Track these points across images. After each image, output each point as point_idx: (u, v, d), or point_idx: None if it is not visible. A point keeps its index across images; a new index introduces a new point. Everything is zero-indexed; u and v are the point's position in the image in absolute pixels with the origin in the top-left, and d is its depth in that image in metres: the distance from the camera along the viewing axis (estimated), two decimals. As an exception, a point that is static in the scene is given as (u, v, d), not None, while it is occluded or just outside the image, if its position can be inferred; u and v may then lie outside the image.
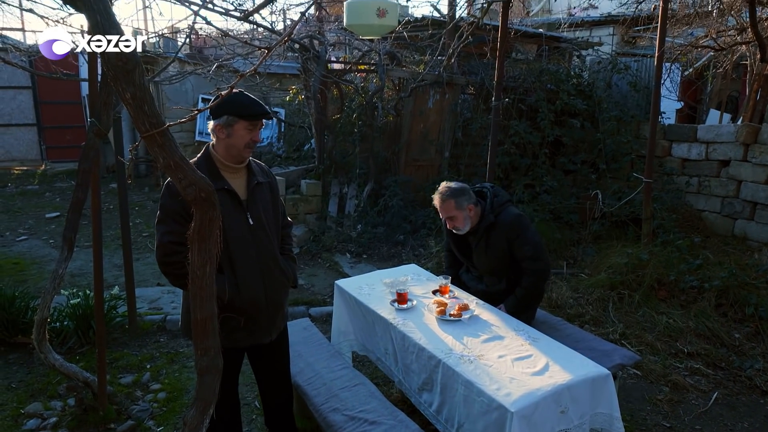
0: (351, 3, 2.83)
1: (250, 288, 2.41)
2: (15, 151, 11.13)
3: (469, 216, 3.29)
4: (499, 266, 3.38)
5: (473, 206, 3.29)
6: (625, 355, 3.19)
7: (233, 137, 2.35)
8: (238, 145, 2.37)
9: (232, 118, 2.33)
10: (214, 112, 2.37)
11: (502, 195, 3.40)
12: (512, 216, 3.28)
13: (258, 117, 2.38)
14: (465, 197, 3.27)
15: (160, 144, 1.48)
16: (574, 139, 7.41)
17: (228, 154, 2.40)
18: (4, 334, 4.18)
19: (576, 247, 6.29)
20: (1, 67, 9.91)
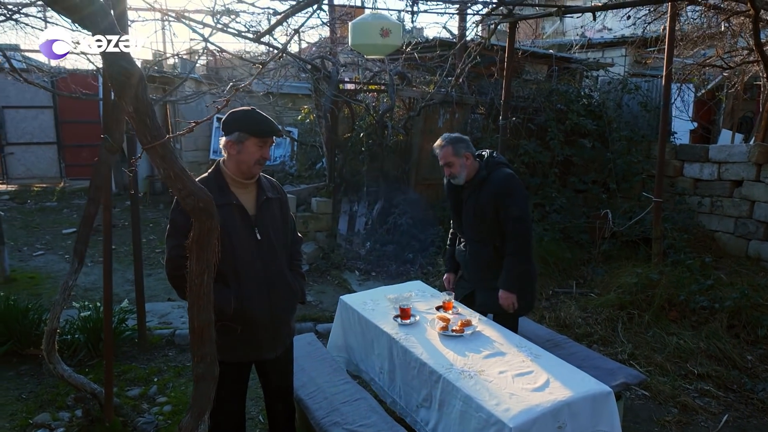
0: (355, 23, 2.90)
1: (255, 303, 2.44)
2: (35, 169, 11.38)
3: (465, 165, 3.29)
4: (484, 227, 3.33)
5: (471, 156, 3.30)
6: (630, 374, 3.17)
7: (243, 153, 2.40)
8: (248, 162, 2.42)
9: (243, 134, 2.38)
10: (225, 128, 2.43)
11: (500, 158, 3.42)
12: (504, 174, 3.26)
13: (268, 134, 2.43)
14: (463, 145, 3.29)
15: (161, 155, 1.54)
16: (584, 159, 7.41)
17: (238, 170, 2.44)
18: (17, 345, 4.25)
19: (586, 266, 6.25)
20: (25, 87, 10.15)
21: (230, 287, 2.40)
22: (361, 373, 3.42)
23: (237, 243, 2.40)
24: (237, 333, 2.38)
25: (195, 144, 10.22)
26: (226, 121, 2.43)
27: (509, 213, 3.20)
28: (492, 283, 3.33)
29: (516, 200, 3.22)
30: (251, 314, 2.42)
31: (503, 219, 3.24)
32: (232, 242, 2.39)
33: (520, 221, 3.22)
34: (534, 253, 5.76)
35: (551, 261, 6.08)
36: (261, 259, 2.47)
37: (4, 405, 3.65)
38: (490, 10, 4.64)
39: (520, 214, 3.21)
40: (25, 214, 9.49)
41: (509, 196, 3.21)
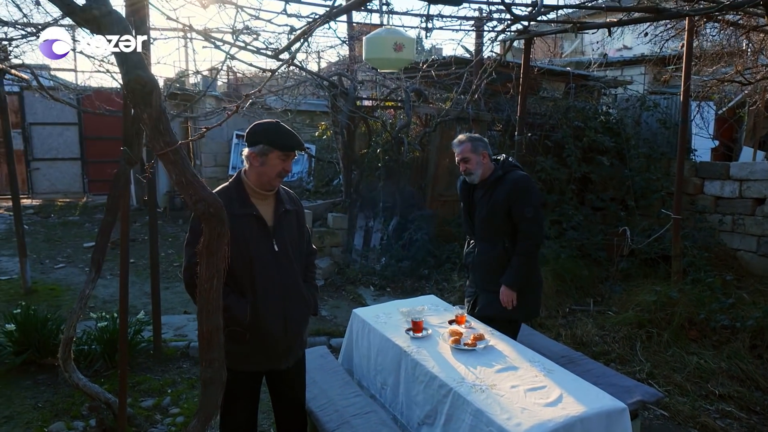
0: (369, 38, 2.95)
1: (270, 312, 2.45)
2: (60, 184, 11.64)
3: (482, 163, 3.33)
4: (494, 226, 3.35)
5: (487, 156, 3.35)
6: (647, 392, 3.10)
7: (266, 166, 2.43)
8: (270, 174, 2.45)
9: (267, 147, 2.41)
10: (250, 139, 2.47)
11: (515, 162, 3.46)
12: (520, 175, 3.30)
13: (292, 148, 2.47)
14: (482, 144, 3.35)
15: (173, 161, 1.58)
16: (602, 176, 7.35)
17: (259, 182, 2.47)
18: (35, 355, 4.31)
19: (603, 284, 6.17)
20: (52, 104, 10.45)
21: (246, 297, 2.42)
22: (363, 390, 3.39)
23: (255, 253, 2.43)
24: (246, 339, 2.39)
25: (215, 160, 10.37)
26: (250, 132, 2.47)
27: (523, 213, 3.22)
28: (495, 287, 3.34)
29: (531, 200, 3.24)
30: (266, 324, 2.43)
31: (517, 218, 3.25)
32: (249, 252, 2.42)
33: (533, 222, 3.24)
34: (550, 269, 5.73)
35: (568, 278, 6.01)
36: (277, 270, 2.49)
37: (21, 413, 3.70)
38: (505, 27, 4.67)
39: (533, 215, 3.23)
40: (48, 227, 9.68)
41: (524, 196, 3.23)
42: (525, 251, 3.26)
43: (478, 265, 3.49)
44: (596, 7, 3.67)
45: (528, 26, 4.63)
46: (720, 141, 8.95)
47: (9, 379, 4.12)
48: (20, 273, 6.34)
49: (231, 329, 2.31)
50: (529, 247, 3.26)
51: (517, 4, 3.58)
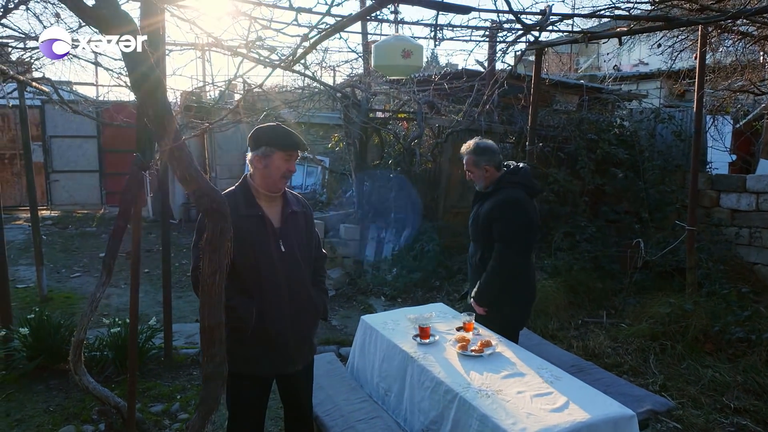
0: (378, 45, 2.99)
1: (277, 314, 2.46)
2: (78, 196, 11.84)
3: (483, 176, 3.38)
4: (477, 233, 3.45)
5: (492, 168, 3.36)
6: (658, 401, 3.05)
7: (270, 167, 2.45)
8: (275, 176, 2.47)
9: (269, 149, 2.44)
10: (252, 143, 2.50)
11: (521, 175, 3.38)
12: (508, 196, 3.27)
13: (294, 148, 2.49)
14: (485, 157, 3.35)
15: (177, 157, 1.61)
16: (616, 189, 7.29)
17: (264, 184, 2.49)
18: (48, 360, 4.35)
19: (617, 296, 6.09)
20: (72, 117, 10.68)
21: (253, 298, 2.43)
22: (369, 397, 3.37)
23: (261, 254, 2.44)
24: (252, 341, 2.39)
25: (230, 172, 10.49)
26: (253, 136, 2.50)
27: (499, 234, 3.26)
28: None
29: (507, 224, 3.24)
30: (272, 326, 2.43)
31: (495, 236, 3.29)
32: (256, 253, 2.43)
33: (506, 245, 3.25)
34: (562, 281, 5.66)
35: (581, 290, 5.95)
36: (284, 271, 2.49)
37: (32, 416, 3.74)
38: (516, 38, 4.69)
39: (508, 239, 3.24)
40: (65, 238, 9.83)
41: (501, 220, 3.25)
42: (492, 270, 3.29)
43: (469, 264, 3.68)
44: (605, 16, 3.67)
45: (539, 37, 4.65)
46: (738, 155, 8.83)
47: (22, 383, 4.17)
48: (37, 281, 6.44)
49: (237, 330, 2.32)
50: (496, 267, 3.27)
51: (527, 13, 3.61)
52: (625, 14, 3.57)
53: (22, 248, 8.89)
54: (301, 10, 3.66)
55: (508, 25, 4.23)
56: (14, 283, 6.88)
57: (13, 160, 11.66)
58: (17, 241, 9.34)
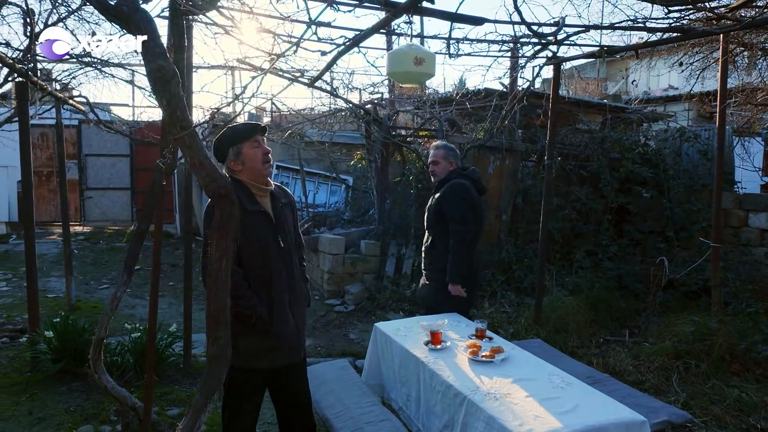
0: (391, 53, 3.07)
1: (281, 307, 2.53)
2: (110, 212, 12.18)
3: (447, 168, 3.88)
4: (430, 220, 3.94)
5: (455, 164, 3.91)
6: (675, 413, 2.98)
7: (249, 160, 2.51)
8: (257, 165, 2.53)
9: (236, 147, 2.51)
10: (219, 154, 2.57)
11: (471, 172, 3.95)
12: (456, 182, 3.78)
13: (254, 131, 2.54)
14: (453, 153, 3.95)
15: (188, 145, 1.68)
16: (640, 207, 7.19)
17: (253, 177, 2.55)
18: (71, 364, 4.46)
19: (641, 316, 5.97)
20: (106, 137, 11.11)
21: (260, 293, 2.49)
22: (391, 401, 3.38)
23: (267, 249, 2.52)
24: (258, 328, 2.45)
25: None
26: (216, 147, 2.56)
27: (451, 214, 3.72)
28: (428, 275, 3.98)
29: (456, 204, 3.72)
30: (279, 318, 2.50)
31: (447, 218, 3.74)
32: (262, 248, 2.51)
33: (459, 222, 3.69)
34: (583, 298, 5.56)
35: (602, 309, 5.84)
36: (284, 265, 2.57)
37: (53, 416, 3.83)
38: (534, 53, 4.74)
39: (459, 218, 3.69)
40: (96, 252, 10.11)
41: (452, 200, 3.73)
42: (453, 248, 3.71)
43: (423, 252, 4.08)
44: (621, 27, 3.70)
45: (556, 52, 4.69)
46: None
47: (46, 384, 4.29)
48: (66, 291, 6.63)
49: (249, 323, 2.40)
50: (455, 245, 3.70)
51: (540, 24, 3.66)
52: (641, 26, 3.61)
53: (54, 261, 9.17)
54: (320, 24, 3.79)
55: (525, 40, 4.28)
56: (45, 293, 7.10)
57: (50, 177, 12.10)
58: (50, 254, 9.64)
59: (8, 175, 11.49)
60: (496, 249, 6.97)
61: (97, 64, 6.11)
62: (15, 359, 4.77)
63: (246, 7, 3.71)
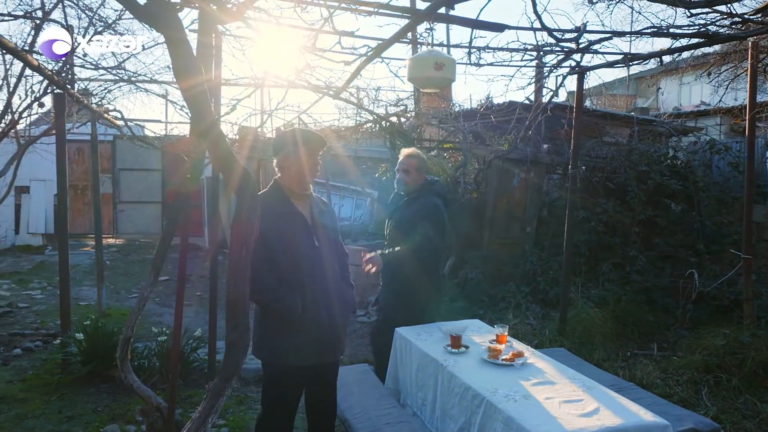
0: (412, 58, 3.13)
1: (316, 306, 2.59)
2: (140, 225, 12.46)
3: (417, 180, 3.86)
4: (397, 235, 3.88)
5: (424, 176, 3.92)
6: (701, 421, 2.90)
7: (298, 165, 2.64)
8: (303, 171, 2.65)
9: (294, 148, 2.63)
10: (277, 147, 2.70)
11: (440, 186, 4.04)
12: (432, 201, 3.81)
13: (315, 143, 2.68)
14: (424, 166, 3.95)
15: (212, 139, 1.75)
16: (669, 221, 7.06)
17: (294, 181, 2.68)
18: (100, 366, 4.57)
19: (670, 330, 5.82)
20: (139, 152, 11.43)
21: (295, 291, 2.55)
22: (406, 406, 3.37)
23: (300, 249, 2.59)
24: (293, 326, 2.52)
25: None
26: (276, 142, 2.70)
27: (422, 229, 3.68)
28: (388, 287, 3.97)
29: (431, 223, 3.72)
30: (312, 315, 2.57)
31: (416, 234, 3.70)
32: (296, 248, 2.58)
33: (428, 239, 3.68)
34: (610, 311, 5.47)
35: (630, 322, 5.73)
36: (319, 265, 2.64)
37: (82, 415, 3.93)
38: (558, 62, 4.75)
39: (431, 234, 3.70)
40: (127, 263, 10.36)
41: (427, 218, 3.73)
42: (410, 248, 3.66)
43: None
44: (644, 33, 3.68)
45: (580, 62, 4.69)
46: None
47: (75, 385, 4.40)
48: (97, 299, 6.80)
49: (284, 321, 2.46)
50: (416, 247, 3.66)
51: (561, 30, 3.67)
52: (663, 32, 3.59)
53: (87, 271, 9.42)
54: (344, 33, 3.88)
55: (548, 49, 4.30)
56: (77, 301, 7.29)
57: (85, 190, 12.47)
58: (84, 265, 9.91)
59: (45, 188, 11.89)
60: (520, 261, 6.91)
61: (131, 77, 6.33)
62: (47, 361, 4.91)
63: (272, 18, 3.82)
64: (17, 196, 11.57)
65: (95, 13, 4.72)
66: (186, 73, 1.63)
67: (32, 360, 5.04)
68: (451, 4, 2.90)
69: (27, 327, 6.12)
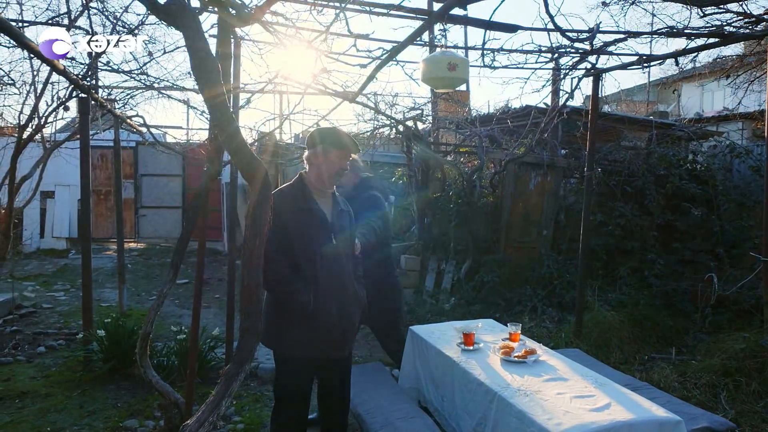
0: (426, 59, 3.18)
1: (328, 301, 2.63)
2: (161, 230, 12.66)
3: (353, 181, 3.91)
4: None
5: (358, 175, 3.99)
6: (716, 420, 2.87)
7: (327, 164, 2.70)
8: (331, 171, 2.71)
9: (328, 147, 2.69)
10: (311, 141, 2.76)
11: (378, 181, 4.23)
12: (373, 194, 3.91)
13: (349, 147, 2.74)
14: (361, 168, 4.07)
15: (228, 132, 1.81)
16: (689, 225, 6.99)
17: (320, 179, 2.74)
18: (120, 364, 4.67)
19: (688, 334, 5.75)
20: (160, 158, 11.66)
21: (308, 286, 2.60)
22: (428, 403, 3.39)
23: (318, 245, 2.64)
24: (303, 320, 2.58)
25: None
26: (312, 135, 2.76)
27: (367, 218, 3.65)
28: None
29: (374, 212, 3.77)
30: (324, 310, 2.61)
31: None
32: (312, 244, 2.63)
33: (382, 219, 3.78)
34: (627, 314, 5.42)
35: (648, 326, 5.67)
36: (336, 262, 2.69)
37: (102, 410, 4.02)
38: (573, 64, 4.76)
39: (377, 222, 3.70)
40: (148, 267, 10.54)
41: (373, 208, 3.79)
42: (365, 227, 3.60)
43: None
44: (658, 33, 3.68)
45: (595, 64, 4.69)
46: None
47: (97, 382, 4.50)
48: (118, 299, 6.94)
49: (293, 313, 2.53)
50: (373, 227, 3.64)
51: (575, 31, 3.69)
52: (678, 31, 3.59)
53: (109, 274, 9.60)
54: (359, 36, 3.94)
55: (563, 50, 4.32)
56: (99, 302, 7.44)
57: (108, 196, 12.72)
58: (106, 268, 10.10)
59: (70, 193, 12.16)
60: (537, 265, 6.89)
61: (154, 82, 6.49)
62: (69, 359, 5.03)
63: (289, 22, 3.91)
64: (42, 200, 11.86)
65: (119, 19, 4.87)
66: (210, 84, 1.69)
67: (55, 358, 5.16)
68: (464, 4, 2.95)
69: (50, 327, 6.26)
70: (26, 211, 10.37)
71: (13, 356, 5.12)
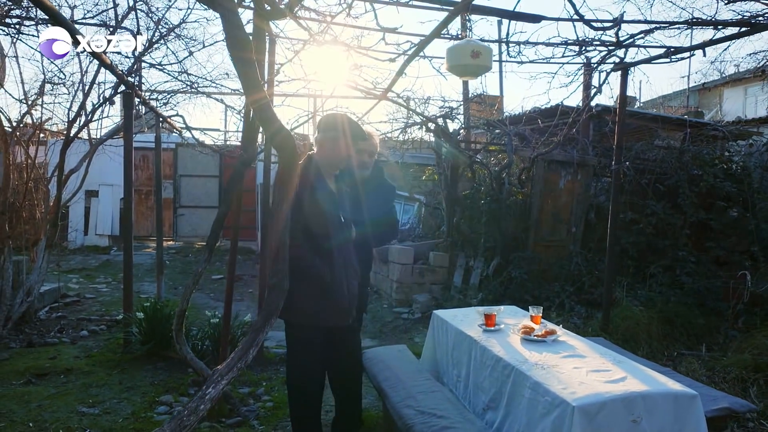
0: (449, 48, 3.28)
1: (338, 275, 2.79)
2: (199, 229, 13.04)
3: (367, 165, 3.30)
4: None
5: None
6: (737, 402, 2.87)
7: (335, 150, 2.85)
8: (339, 156, 2.87)
9: (337, 133, 2.83)
10: (322, 127, 2.91)
11: None
12: None
13: (358, 136, 2.90)
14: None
15: (260, 106, 1.96)
16: (722, 224, 6.87)
17: (329, 162, 2.90)
18: (158, 347, 4.89)
19: (720, 332, 5.66)
20: (198, 159, 12.03)
21: (324, 260, 2.75)
22: (444, 385, 3.47)
23: (329, 221, 2.79)
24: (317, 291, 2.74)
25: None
26: (324, 120, 2.92)
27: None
28: None
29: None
30: (336, 282, 2.75)
31: None
32: (326, 220, 2.78)
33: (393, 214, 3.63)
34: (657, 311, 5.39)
35: (678, 323, 5.61)
36: (344, 239, 2.85)
37: (139, 386, 4.23)
38: (601, 59, 4.80)
39: None
40: (185, 263, 10.90)
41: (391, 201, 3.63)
42: None
43: None
44: (684, 22, 3.70)
45: (623, 58, 4.72)
46: None
47: (135, 363, 4.73)
48: (156, 291, 7.22)
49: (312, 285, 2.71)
50: None
51: (598, 20, 3.74)
52: (703, 20, 3.60)
53: (148, 270, 9.97)
54: (388, 30, 4.08)
55: (589, 43, 4.36)
56: (138, 294, 7.72)
57: (148, 195, 13.19)
58: (145, 264, 10.49)
59: (113, 192, 12.66)
60: (566, 262, 6.88)
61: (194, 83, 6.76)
62: (110, 341, 5.29)
63: (322, 17, 4.07)
64: (87, 199, 12.38)
65: (161, 18, 5.14)
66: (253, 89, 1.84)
67: (97, 341, 5.43)
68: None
69: (93, 314, 6.57)
70: (71, 208, 10.83)
71: (59, 338, 5.42)
